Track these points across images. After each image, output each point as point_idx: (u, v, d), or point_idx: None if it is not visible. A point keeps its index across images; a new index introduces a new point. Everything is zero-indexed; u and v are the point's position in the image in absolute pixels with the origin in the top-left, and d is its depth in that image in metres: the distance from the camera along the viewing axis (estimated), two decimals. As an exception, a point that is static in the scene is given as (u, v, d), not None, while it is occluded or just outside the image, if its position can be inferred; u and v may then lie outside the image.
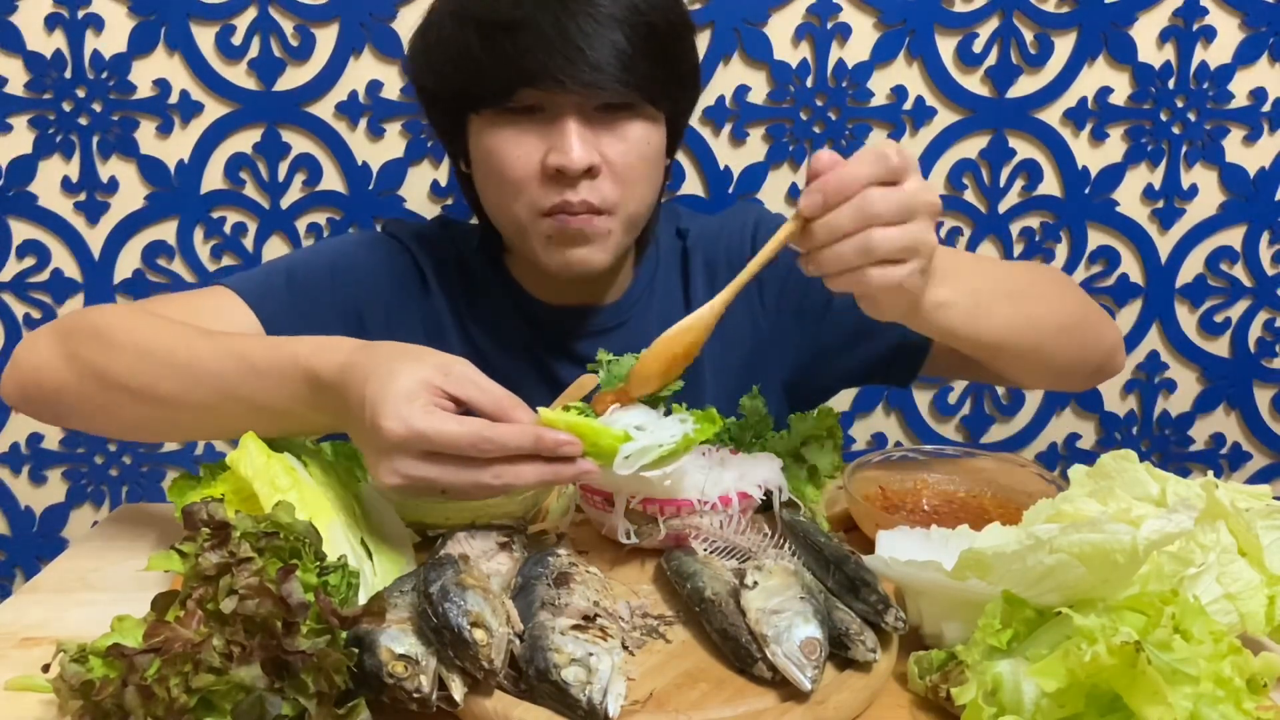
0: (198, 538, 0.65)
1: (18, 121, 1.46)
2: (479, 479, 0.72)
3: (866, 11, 1.48)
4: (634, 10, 0.95)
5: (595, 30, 0.93)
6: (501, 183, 1.00)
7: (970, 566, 0.67)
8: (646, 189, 1.04)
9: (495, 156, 0.99)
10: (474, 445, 0.71)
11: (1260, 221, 1.58)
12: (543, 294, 1.14)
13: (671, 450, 0.80)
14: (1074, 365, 1.05)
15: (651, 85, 0.98)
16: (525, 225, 1.01)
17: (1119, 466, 0.79)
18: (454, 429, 0.71)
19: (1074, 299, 1.06)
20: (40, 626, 0.80)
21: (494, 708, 0.63)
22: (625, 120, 0.99)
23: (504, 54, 0.94)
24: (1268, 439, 1.68)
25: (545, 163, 0.97)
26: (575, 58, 0.92)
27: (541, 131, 0.97)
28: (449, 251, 1.16)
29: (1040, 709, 0.59)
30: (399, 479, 0.73)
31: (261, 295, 1.03)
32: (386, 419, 0.71)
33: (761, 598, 0.70)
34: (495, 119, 0.99)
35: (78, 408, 0.92)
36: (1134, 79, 1.51)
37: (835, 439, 1.01)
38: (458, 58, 0.98)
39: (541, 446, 0.73)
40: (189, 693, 0.57)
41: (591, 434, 0.76)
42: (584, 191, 0.98)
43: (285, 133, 1.48)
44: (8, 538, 1.62)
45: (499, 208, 1.04)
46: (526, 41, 0.93)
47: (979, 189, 1.55)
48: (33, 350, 0.94)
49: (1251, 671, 0.59)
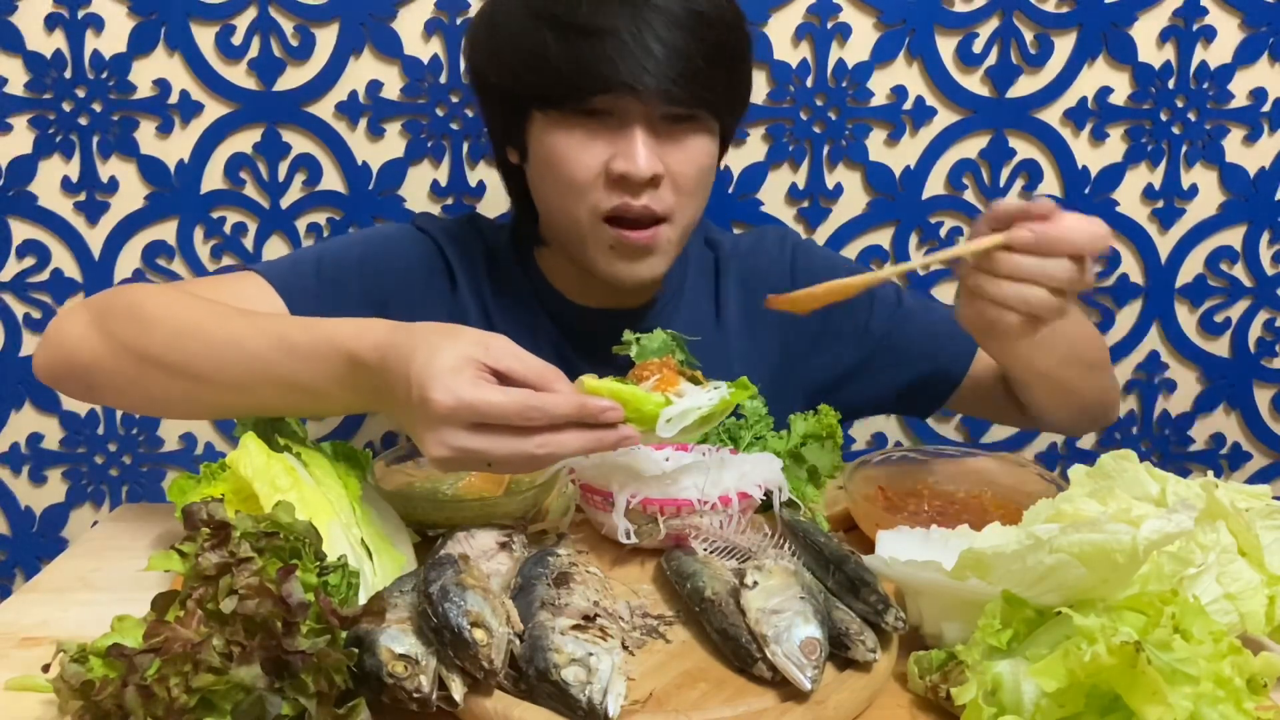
0: (198, 538, 0.65)
1: (18, 121, 1.46)
2: (525, 449, 0.72)
3: (866, 11, 1.47)
4: (707, 25, 0.97)
5: (670, 42, 0.95)
6: (565, 183, 1.01)
7: (970, 566, 0.67)
8: (701, 200, 1.06)
9: (560, 157, 1.00)
10: (520, 414, 0.71)
11: (1260, 221, 1.58)
12: (572, 294, 1.14)
13: (711, 412, 0.80)
14: (1093, 405, 1.14)
15: (716, 98, 1.01)
16: (586, 229, 1.02)
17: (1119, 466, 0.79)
18: (501, 399, 0.71)
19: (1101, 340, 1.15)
20: (40, 626, 0.80)
21: (494, 708, 0.63)
22: (688, 131, 1.01)
23: (582, 58, 0.95)
24: (1268, 439, 1.68)
25: (610, 168, 0.98)
26: (650, 67, 0.94)
27: (608, 136, 0.99)
28: (478, 247, 1.16)
29: (1040, 709, 0.59)
30: (448, 451, 0.72)
31: (289, 282, 1.04)
32: (435, 391, 0.71)
33: (761, 598, 0.70)
34: (562, 119, 0.99)
35: (111, 383, 0.91)
36: (1134, 79, 1.51)
37: (835, 439, 1.01)
38: (531, 56, 0.98)
39: (586, 413, 0.73)
40: (189, 693, 0.57)
41: (634, 400, 0.77)
42: (646, 199, 0.99)
43: (285, 133, 1.48)
44: (8, 538, 1.62)
45: (559, 209, 1.04)
46: (605, 48, 0.94)
47: (979, 189, 1.55)
48: (66, 327, 0.94)
49: (1251, 671, 0.59)
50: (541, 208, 1.08)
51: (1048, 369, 1.04)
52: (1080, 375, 1.09)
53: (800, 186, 1.52)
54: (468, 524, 0.87)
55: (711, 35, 0.97)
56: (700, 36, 0.96)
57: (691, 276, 1.20)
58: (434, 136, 1.48)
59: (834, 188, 1.53)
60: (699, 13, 0.97)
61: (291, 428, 0.92)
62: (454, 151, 1.49)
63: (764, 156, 1.51)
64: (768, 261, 1.21)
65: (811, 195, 1.53)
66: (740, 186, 1.52)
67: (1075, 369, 1.08)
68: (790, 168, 1.52)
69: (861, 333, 1.18)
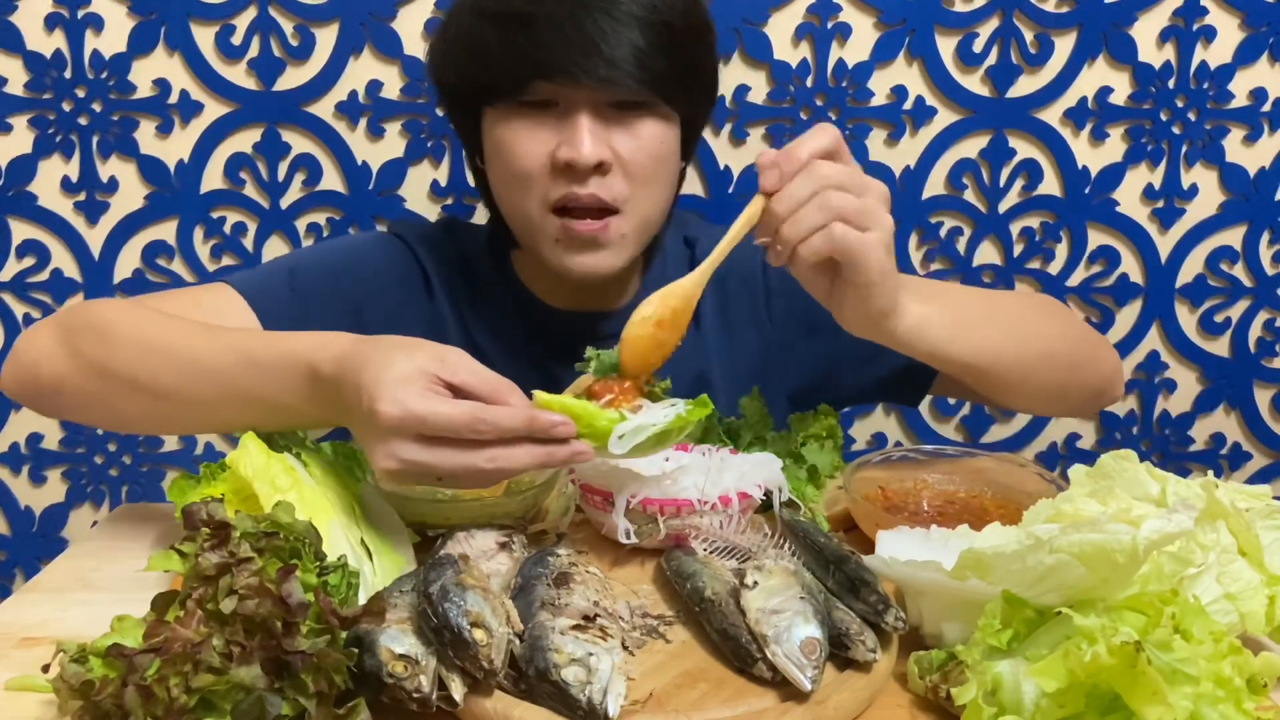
0: (198, 538, 0.65)
1: (18, 121, 1.46)
2: (473, 463, 0.72)
3: (866, 11, 1.47)
4: (652, 9, 0.96)
5: (612, 27, 0.94)
6: (512, 175, 1.01)
7: (970, 566, 0.67)
8: (658, 190, 1.04)
9: (506, 148, 1.00)
10: (468, 426, 0.71)
11: (1260, 221, 1.58)
12: (549, 298, 1.14)
13: (665, 429, 0.79)
14: (1064, 391, 1.06)
15: (667, 84, 0.98)
16: (535, 221, 1.02)
17: (1119, 466, 0.79)
18: (449, 410, 0.71)
19: (1065, 327, 1.07)
20: (40, 626, 0.80)
21: (494, 708, 0.63)
22: (639, 118, 1.00)
23: (518, 46, 0.95)
24: (1268, 439, 1.68)
25: (555, 156, 0.97)
26: (590, 52, 0.93)
27: (554, 126, 0.98)
28: (454, 253, 1.16)
29: (1040, 709, 0.59)
30: (396, 463, 0.72)
31: (261, 293, 1.03)
32: (382, 402, 0.71)
33: (761, 598, 0.70)
34: (509, 112, 1.00)
35: (77, 400, 0.92)
36: (1134, 79, 1.51)
37: (835, 439, 1.01)
38: (473, 50, 0.99)
39: (535, 427, 0.73)
40: (189, 693, 0.57)
41: (586, 416, 0.76)
42: (593, 186, 0.98)
43: (285, 133, 1.48)
44: (8, 538, 1.62)
45: (509, 202, 1.04)
46: (541, 34, 0.94)
47: (979, 189, 1.55)
48: (33, 343, 0.94)
49: (1251, 671, 0.59)
50: (500, 205, 1.08)
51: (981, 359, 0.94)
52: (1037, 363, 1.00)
53: (800, 186, 1.52)
54: (468, 524, 0.87)
55: (656, 18, 0.96)
56: (644, 21, 0.95)
57: (671, 275, 1.18)
58: (434, 136, 1.48)
59: (834, 188, 1.53)
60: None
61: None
62: (454, 151, 1.49)
63: (764, 156, 1.51)
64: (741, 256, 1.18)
65: (811, 195, 1.53)
66: (740, 187, 1.52)
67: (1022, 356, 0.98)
68: (790, 168, 1.52)
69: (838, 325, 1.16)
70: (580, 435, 0.75)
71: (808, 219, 0.79)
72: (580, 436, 0.75)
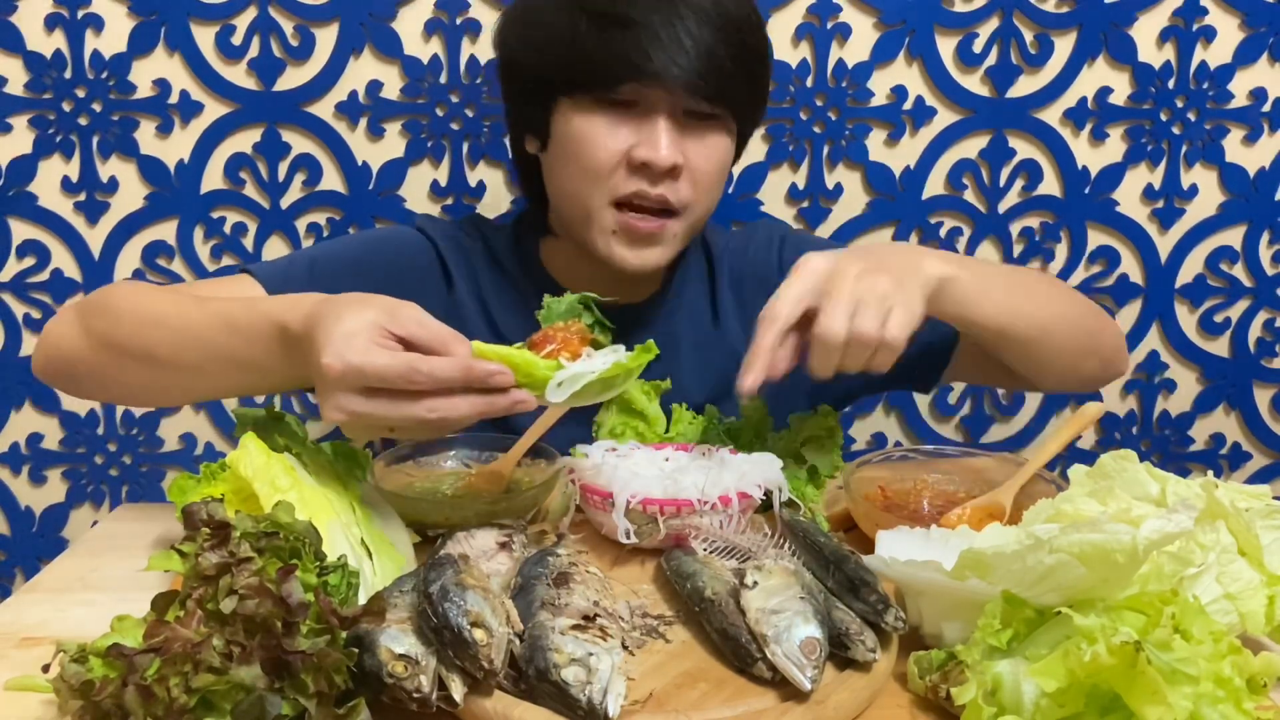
0: (198, 538, 0.65)
1: (18, 121, 1.46)
2: (414, 413, 0.74)
3: (866, 11, 1.47)
4: (734, 25, 1.01)
5: (702, 39, 0.98)
6: (584, 167, 1.03)
7: (970, 566, 0.67)
8: (713, 198, 1.09)
9: (584, 141, 1.02)
10: (403, 376, 0.73)
11: (1260, 221, 1.58)
12: (575, 287, 1.14)
13: (606, 376, 0.79)
14: (1081, 356, 1.08)
15: (740, 99, 1.04)
16: (594, 213, 1.04)
17: (1119, 466, 0.79)
18: (386, 361, 0.73)
19: (1074, 297, 1.11)
20: (40, 626, 0.80)
21: (494, 708, 0.63)
22: (709, 129, 1.04)
23: (615, 46, 0.99)
24: (1268, 439, 1.68)
25: (632, 155, 1.01)
26: (680, 60, 0.97)
27: (633, 125, 1.02)
28: (478, 245, 1.18)
29: (1040, 709, 0.59)
30: (342, 414, 0.75)
31: (282, 283, 1.05)
32: (326, 355, 0.74)
33: (761, 598, 0.70)
34: (589, 105, 1.02)
35: (90, 375, 0.97)
36: (1134, 79, 1.51)
37: (835, 439, 1.01)
38: (564, 42, 1.01)
39: (471, 377, 0.74)
40: (189, 693, 0.57)
41: (525, 365, 0.77)
42: (663, 188, 1.02)
43: (285, 133, 1.48)
44: (8, 538, 1.62)
45: (572, 192, 1.06)
46: (639, 38, 0.98)
47: (979, 189, 1.55)
48: (56, 325, 1.00)
49: (1251, 671, 0.59)
50: (555, 194, 1.10)
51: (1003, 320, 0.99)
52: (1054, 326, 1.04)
53: (800, 186, 1.52)
54: (468, 524, 0.87)
55: (738, 35, 1.01)
56: (728, 35, 1.00)
57: (691, 277, 1.20)
58: (434, 136, 1.48)
59: (834, 188, 1.53)
60: (728, 12, 1.00)
61: (291, 428, 0.92)
62: (454, 151, 1.49)
63: (764, 156, 1.51)
64: (757, 258, 1.22)
65: (811, 195, 1.53)
66: (740, 186, 1.52)
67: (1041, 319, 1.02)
68: (790, 168, 1.52)
69: None
70: (519, 385, 0.76)
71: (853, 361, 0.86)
72: (520, 386, 0.76)
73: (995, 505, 0.92)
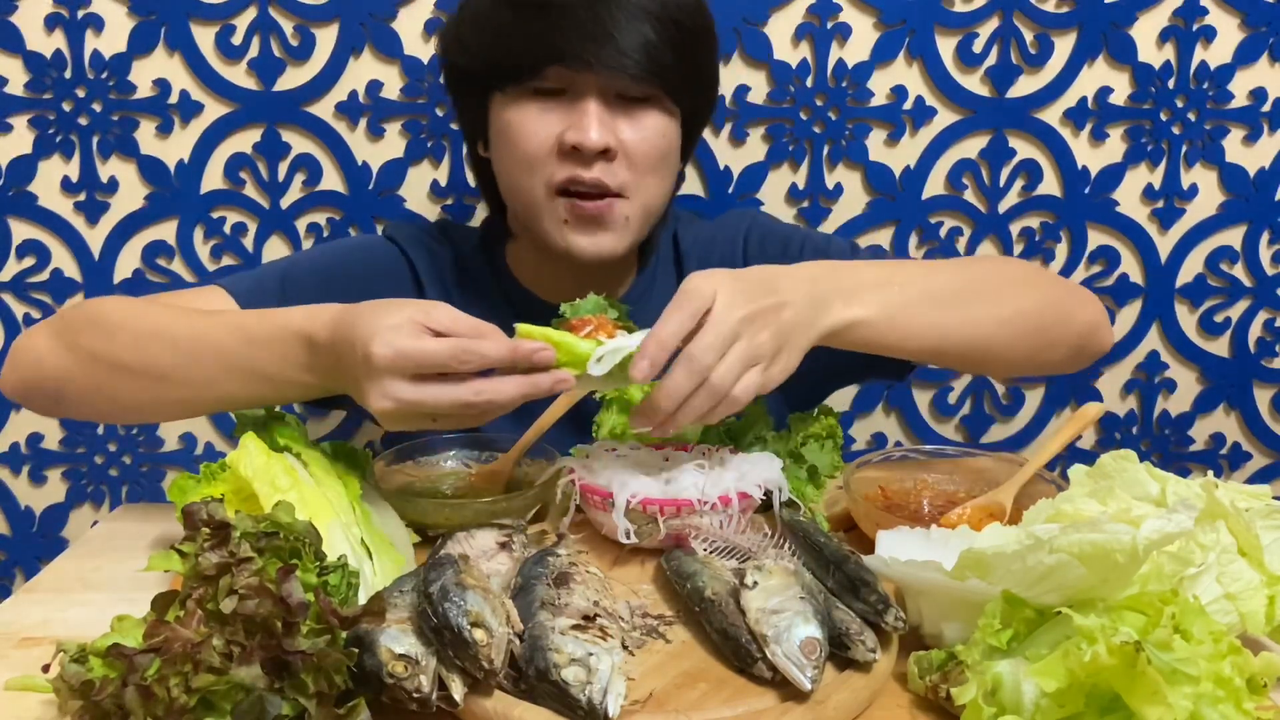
0: (198, 538, 0.65)
1: (18, 121, 1.46)
2: (461, 396, 0.76)
3: (866, 11, 1.47)
4: (663, 6, 1.00)
5: (625, 18, 0.98)
6: (518, 157, 1.03)
7: (970, 566, 0.67)
8: (660, 182, 1.07)
9: (515, 130, 1.03)
10: (454, 356, 0.76)
11: (1260, 221, 1.58)
12: (542, 291, 1.15)
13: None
14: (1034, 354, 1.03)
15: (673, 79, 1.02)
16: (540, 203, 1.04)
17: (1119, 466, 0.79)
18: (436, 345, 0.76)
19: (1034, 288, 1.04)
20: (40, 626, 0.80)
21: (494, 708, 0.63)
22: (644, 111, 1.03)
23: (536, 31, 0.99)
24: (1268, 439, 1.68)
25: (562, 139, 1.01)
26: (605, 41, 0.97)
27: (562, 111, 1.01)
28: (446, 254, 1.18)
29: (1040, 709, 0.59)
30: (390, 402, 0.77)
31: (253, 296, 1.05)
32: (376, 345, 0.76)
33: (761, 598, 0.70)
34: (519, 96, 1.02)
35: (80, 394, 0.94)
36: (1134, 79, 1.51)
37: (835, 439, 1.01)
38: (490, 33, 1.02)
39: (518, 355, 0.77)
40: (189, 693, 0.57)
41: (566, 344, 0.80)
42: (597, 171, 1.01)
43: (285, 133, 1.48)
44: (8, 538, 1.62)
45: (515, 186, 1.06)
46: (560, 21, 0.98)
47: (979, 189, 1.55)
48: (31, 344, 0.97)
49: (1251, 671, 0.59)
50: (504, 191, 1.10)
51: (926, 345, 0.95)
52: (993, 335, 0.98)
53: (800, 186, 1.52)
54: (467, 524, 0.87)
55: (666, 15, 1.00)
56: (656, 16, 0.99)
57: (660, 273, 1.20)
58: (434, 136, 1.48)
59: (834, 188, 1.53)
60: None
61: (291, 428, 0.92)
62: (454, 151, 1.49)
63: (764, 156, 1.51)
64: (724, 250, 1.21)
65: (811, 195, 1.53)
66: (740, 186, 1.52)
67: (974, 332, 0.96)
68: (790, 168, 1.52)
69: None
70: (561, 364, 0.79)
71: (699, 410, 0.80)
72: (561, 365, 0.79)
73: (995, 505, 0.92)
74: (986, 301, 0.98)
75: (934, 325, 0.93)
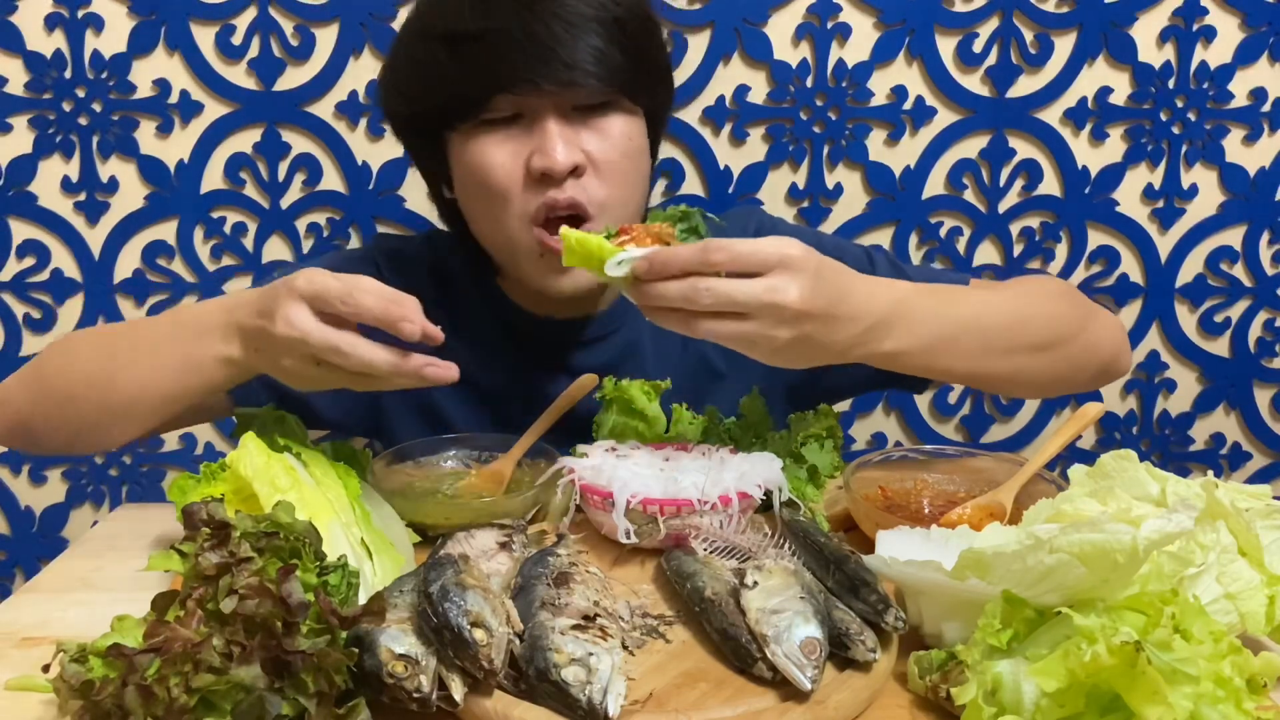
0: (198, 538, 0.65)
1: (18, 121, 1.46)
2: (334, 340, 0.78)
3: (866, 11, 1.48)
4: (601, 7, 0.95)
5: (564, 29, 0.93)
6: (488, 194, 0.99)
7: (970, 566, 0.67)
8: (633, 188, 1.02)
9: (478, 167, 0.98)
10: (341, 296, 0.78)
11: (1260, 221, 1.58)
12: (528, 304, 1.11)
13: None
14: (1061, 379, 1.04)
15: (627, 79, 0.97)
16: (516, 239, 1.00)
17: (1119, 466, 0.79)
18: (334, 279, 0.79)
19: (1061, 313, 1.04)
20: (40, 626, 0.80)
21: (494, 708, 0.63)
22: (605, 117, 0.98)
23: (475, 63, 0.94)
24: (1268, 439, 1.68)
25: (530, 166, 0.96)
26: (548, 58, 0.92)
27: (522, 137, 0.97)
28: (430, 264, 1.14)
29: (1040, 709, 0.59)
30: (289, 328, 0.78)
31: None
32: (299, 277, 0.79)
33: (761, 598, 0.70)
34: (473, 132, 0.98)
35: (46, 425, 0.98)
36: (1134, 79, 1.51)
37: (835, 439, 1.01)
38: (427, 75, 0.98)
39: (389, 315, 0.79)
40: (189, 693, 0.57)
41: (598, 250, 0.80)
42: (570, 190, 0.96)
43: (285, 133, 1.48)
44: (8, 538, 1.62)
45: (488, 223, 1.02)
46: (496, 48, 0.93)
47: (979, 189, 1.55)
48: (3, 389, 1.02)
49: (1251, 671, 0.59)
50: (478, 234, 1.06)
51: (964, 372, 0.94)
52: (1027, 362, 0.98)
53: (800, 186, 1.53)
54: (468, 524, 0.87)
55: (606, 16, 0.95)
56: (596, 19, 0.94)
57: None
58: (433, 138, 1.48)
59: (834, 188, 1.53)
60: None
61: (291, 428, 0.92)
62: (454, 151, 1.49)
63: (764, 156, 1.51)
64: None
65: (811, 195, 1.53)
66: (740, 186, 1.52)
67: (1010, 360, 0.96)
68: (790, 168, 1.52)
69: None
70: (591, 265, 0.81)
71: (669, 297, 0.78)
72: (592, 265, 0.81)
73: (995, 505, 0.92)
74: (1027, 337, 0.98)
75: (974, 359, 0.92)
